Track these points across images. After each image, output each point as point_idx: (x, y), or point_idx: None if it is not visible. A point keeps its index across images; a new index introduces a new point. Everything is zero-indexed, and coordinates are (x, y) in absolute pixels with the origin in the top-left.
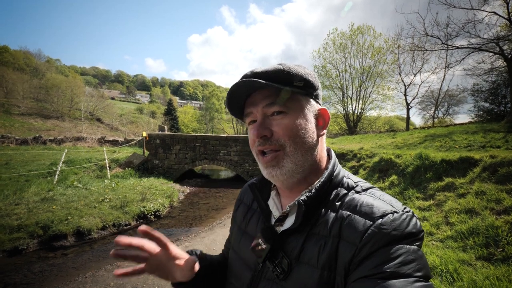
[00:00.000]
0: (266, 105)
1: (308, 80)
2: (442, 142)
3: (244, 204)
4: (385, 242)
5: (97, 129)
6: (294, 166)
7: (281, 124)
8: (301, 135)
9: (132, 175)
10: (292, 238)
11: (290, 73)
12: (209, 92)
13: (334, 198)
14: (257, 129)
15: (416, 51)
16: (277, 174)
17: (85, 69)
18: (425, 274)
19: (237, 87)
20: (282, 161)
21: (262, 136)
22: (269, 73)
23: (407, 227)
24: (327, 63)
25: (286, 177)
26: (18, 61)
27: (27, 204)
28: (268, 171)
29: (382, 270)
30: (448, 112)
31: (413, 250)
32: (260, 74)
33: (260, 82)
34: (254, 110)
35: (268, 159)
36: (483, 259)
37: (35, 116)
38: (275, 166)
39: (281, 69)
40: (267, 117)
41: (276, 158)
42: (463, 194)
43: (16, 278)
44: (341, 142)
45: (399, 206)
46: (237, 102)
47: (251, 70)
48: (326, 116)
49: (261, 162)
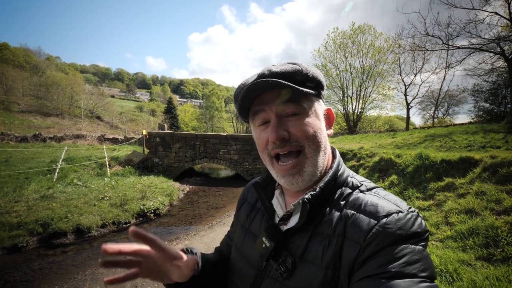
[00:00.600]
0: (281, 104)
1: (319, 81)
2: (442, 142)
3: (248, 202)
4: (389, 242)
5: (97, 127)
6: (314, 170)
7: (298, 125)
8: (318, 135)
9: (132, 173)
10: (296, 237)
11: (307, 74)
12: (209, 91)
13: (339, 197)
14: (275, 131)
15: (417, 51)
16: (297, 181)
17: (85, 67)
18: (430, 275)
19: (255, 86)
20: (304, 166)
21: (281, 138)
22: (288, 74)
23: (412, 227)
24: (327, 63)
25: (306, 182)
26: (18, 59)
27: (27, 201)
28: (287, 180)
29: (387, 269)
30: (448, 112)
31: (418, 250)
32: (279, 74)
33: (282, 83)
34: (267, 109)
35: (288, 168)
36: (482, 259)
37: (35, 113)
38: (296, 174)
39: (299, 70)
40: (281, 118)
41: (298, 165)
42: (463, 194)
43: (15, 276)
44: (341, 142)
45: (404, 206)
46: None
47: (268, 69)
48: (332, 116)
49: (276, 169)
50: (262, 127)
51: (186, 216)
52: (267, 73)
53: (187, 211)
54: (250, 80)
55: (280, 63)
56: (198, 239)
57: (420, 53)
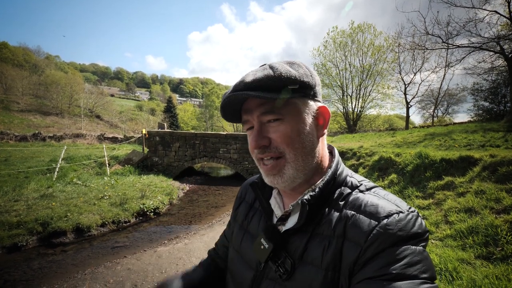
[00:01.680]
0: (261, 114)
1: (303, 81)
2: (441, 141)
3: (245, 202)
4: (390, 243)
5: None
6: (295, 172)
7: (278, 131)
8: (300, 140)
9: (132, 172)
10: (295, 237)
11: (282, 78)
12: (208, 90)
13: (338, 197)
14: (255, 139)
15: (417, 49)
16: (278, 182)
17: (85, 66)
18: (431, 275)
19: (228, 100)
20: (283, 168)
21: (260, 146)
22: (260, 82)
23: (412, 228)
24: (327, 61)
25: (288, 183)
26: (17, 58)
27: (27, 200)
28: (269, 179)
29: (388, 271)
30: (448, 111)
31: (419, 251)
32: (250, 84)
33: (250, 95)
34: (250, 118)
35: (268, 168)
36: (482, 258)
37: (34, 112)
38: (276, 175)
39: (271, 75)
40: (263, 125)
41: (277, 167)
42: (462, 193)
43: (15, 275)
44: (340, 141)
45: (404, 206)
46: (233, 110)
47: (242, 79)
48: (326, 114)
49: (262, 169)
50: (249, 132)
51: (186, 215)
52: (241, 85)
53: (187, 210)
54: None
55: (260, 68)
56: (198, 238)
57: (420, 52)
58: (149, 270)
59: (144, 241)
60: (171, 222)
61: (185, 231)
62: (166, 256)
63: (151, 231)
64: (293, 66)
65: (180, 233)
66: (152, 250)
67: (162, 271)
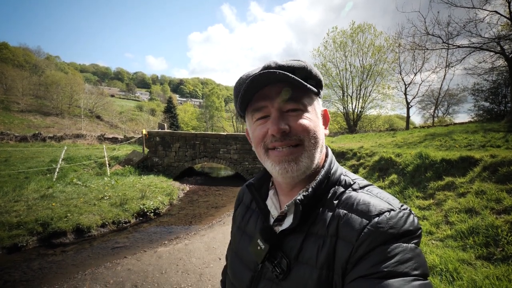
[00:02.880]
0: (284, 101)
1: (320, 80)
2: (442, 141)
3: (243, 204)
4: (381, 241)
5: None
6: (310, 162)
7: (297, 120)
8: (317, 131)
9: (132, 173)
10: (291, 237)
11: (311, 72)
12: (209, 90)
13: (332, 197)
14: (277, 123)
15: (417, 50)
16: (293, 169)
17: (85, 66)
18: (423, 272)
19: (261, 77)
20: (301, 156)
21: (282, 131)
22: (293, 68)
23: (404, 225)
24: (327, 62)
25: (300, 173)
26: (17, 58)
27: (27, 201)
28: (282, 167)
29: (379, 269)
30: (448, 111)
31: (410, 248)
32: (285, 67)
33: (288, 76)
34: (268, 104)
35: (284, 153)
36: (483, 258)
37: (34, 113)
38: (291, 161)
39: (305, 67)
40: (282, 113)
41: (294, 153)
42: (463, 194)
43: (15, 275)
44: (341, 141)
45: (396, 204)
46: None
47: (273, 61)
48: (328, 116)
49: (272, 157)
50: (260, 122)
51: (186, 215)
52: (273, 65)
53: (187, 211)
54: (253, 72)
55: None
56: (198, 239)
57: (420, 52)
58: (149, 270)
59: (144, 242)
60: (171, 223)
61: (185, 231)
62: (166, 257)
63: (151, 231)
64: (310, 65)
65: (180, 233)
66: (152, 251)
67: (162, 272)
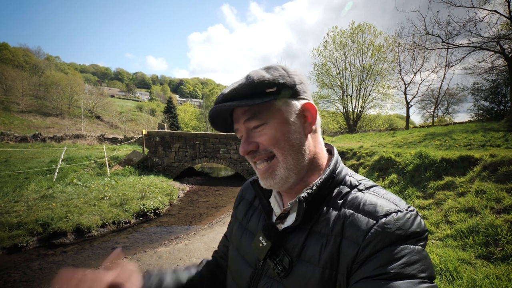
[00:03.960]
0: (245, 121)
1: (279, 83)
2: (442, 141)
3: (245, 200)
4: (389, 242)
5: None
6: (287, 172)
7: (263, 135)
8: (286, 139)
9: (132, 173)
10: (294, 235)
11: (256, 84)
12: (209, 90)
13: (336, 196)
14: (243, 146)
15: (417, 49)
16: (271, 184)
17: (85, 67)
18: (430, 275)
19: (212, 114)
20: (275, 169)
21: (248, 151)
22: (235, 91)
23: (411, 227)
24: (327, 61)
25: (281, 184)
26: (17, 58)
27: (27, 201)
28: (263, 182)
29: (386, 270)
30: (448, 111)
31: (418, 250)
32: (227, 96)
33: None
34: (238, 126)
35: (262, 171)
36: (482, 258)
37: (34, 113)
38: (268, 178)
39: (244, 83)
40: (250, 131)
41: (269, 169)
42: (463, 193)
43: (15, 276)
44: (340, 141)
45: (403, 205)
46: (223, 122)
47: (221, 93)
48: (313, 110)
49: (257, 172)
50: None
51: (186, 215)
52: (219, 98)
53: (187, 211)
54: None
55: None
56: (198, 239)
57: (420, 51)
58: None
59: (145, 242)
60: (171, 223)
61: (185, 231)
62: (166, 257)
63: (151, 231)
64: (269, 71)
65: (180, 233)
66: (152, 251)
67: None
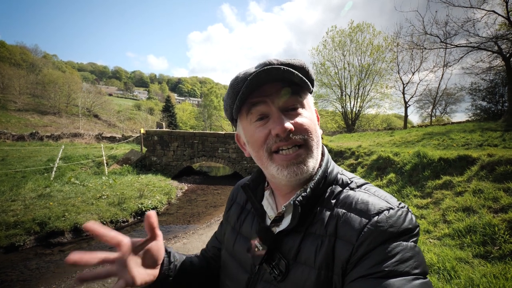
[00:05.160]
0: (285, 100)
1: (313, 79)
2: (440, 141)
3: (237, 204)
4: (382, 240)
5: (95, 125)
6: (315, 162)
7: (300, 118)
8: (317, 130)
9: (130, 172)
10: (289, 238)
11: (308, 71)
12: (207, 89)
13: (330, 196)
14: (281, 122)
15: (415, 49)
16: (302, 172)
17: (83, 65)
18: (423, 271)
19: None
20: (307, 157)
21: (288, 130)
22: (295, 67)
23: (403, 223)
24: (325, 61)
25: (307, 174)
26: (14, 57)
27: (24, 200)
28: (291, 170)
29: (381, 269)
30: (446, 110)
31: (410, 247)
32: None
33: (294, 73)
34: (268, 102)
35: (291, 156)
36: (480, 257)
37: (31, 112)
38: (300, 164)
39: (303, 65)
40: (283, 112)
41: (301, 155)
42: (460, 192)
43: (12, 275)
44: (339, 140)
45: (394, 202)
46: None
47: (274, 58)
48: (318, 116)
49: (278, 161)
50: (259, 123)
51: (185, 214)
52: (275, 62)
53: (185, 210)
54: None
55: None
56: (197, 238)
57: (418, 51)
58: None
59: None
60: (169, 222)
61: (184, 230)
62: None
63: None
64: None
65: (179, 232)
66: None
67: None
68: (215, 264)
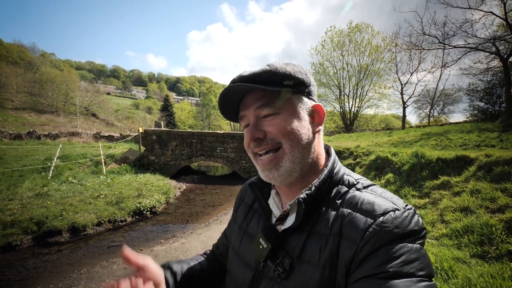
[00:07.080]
0: (257, 108)
1: (298, 78)
2: (437, 141)
3: (245, 203)
4: (387, 241)
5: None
6: (292, 165)
7: (273, 124)
8: (296, 132)
9: (128, 171)
10: (293, 236)
11: (278, 73)
12: (206, 89)
13: (335, 196)
14: (250, 132)
15: (413, 50)
16: (274, 176)
17: (80, 64)
18: (428, 273)
19: (226, 92)
20: (281, 161)
21: (255, 139)
22: (256, 76)
23: (409, 225)
24: (324, 61)
25: (284, 177)
26: (12, 55)
27: (21, 199)
28: (265, 174)
29: (385, 269)
30: (444, 111)
31: (416, 249)
32: (247, 78)
33: (245, 86)
34: (247, 113)
35: (265, 162)
36: (477, 257)
37: (29, 110)
38: (272, 169)
39: (268, 70)
40: (259, 119)
41: (274, 160)
42: (458, 193)
43: (9, 275)
44: (337, 140)
45: (400, 203)
46: (231, 106)
47: (238, 75)
48: (321, 112)
49: (258, 164)
50: (245, 130)
51: (183, 214)
52: (237, 78)
53: (183, 209)
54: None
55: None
56: (195, 237)
57: (416, 52)
58: None
59: (141, 240)
60: (167, 221)
61: (182, 230)
62: (162, 256)
63: (148, 230)
64: (289, 65)
65: (177, 232)
66: (149, 250)
67: None
68: (223, 260)
